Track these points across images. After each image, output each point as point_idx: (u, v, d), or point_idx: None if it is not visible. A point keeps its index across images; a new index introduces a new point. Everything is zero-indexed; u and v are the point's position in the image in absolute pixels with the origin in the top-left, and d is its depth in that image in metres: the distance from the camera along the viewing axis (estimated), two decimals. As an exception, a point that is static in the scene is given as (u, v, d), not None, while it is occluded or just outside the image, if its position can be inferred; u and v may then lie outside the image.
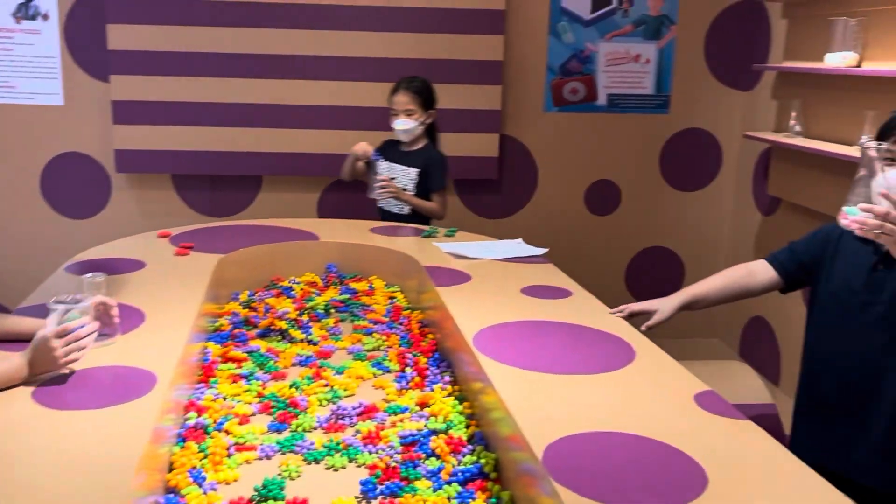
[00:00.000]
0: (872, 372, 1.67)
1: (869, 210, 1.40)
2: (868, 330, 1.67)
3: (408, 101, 3.03)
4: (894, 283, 1.64)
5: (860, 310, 1.68)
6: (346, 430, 1.57)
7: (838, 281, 1.73)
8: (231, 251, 2.39)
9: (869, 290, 1.67)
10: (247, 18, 3.53)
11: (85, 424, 1.29)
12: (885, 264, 1.66)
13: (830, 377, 1.75)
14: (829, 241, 1.81)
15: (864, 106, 2.81)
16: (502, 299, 2.02)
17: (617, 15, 3.78)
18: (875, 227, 1.41)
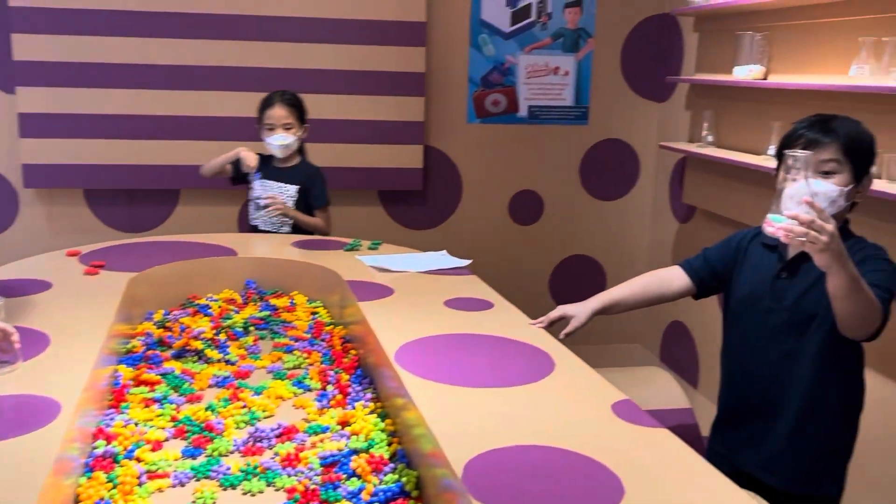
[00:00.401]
0: (779, 376, 1.74)
1: (795, 217, 1.42)
2: (773, 335, 1.74)
3: (286, 114, 2.94)
4: (796, 290, 1.71)
5: (765, 316, 1.75)
6: (264, 453, 1.53)
7: (746, 288, 1.80)
8: (145, 269, 2.31)
9: (773, 297, 1.74)
10: (161, 29, 3.44)
11: (-19, 459, 1.22)
12: (789, 272, 1.73)
13: (741, 380, 1.82)
14: (739, 248, 1.87)
15: (770, 117, 2.93)
16: (425, 313, 2.01)
17: (536, 28, 3.84)
18: (800, 234, 1.42)
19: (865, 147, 1.67)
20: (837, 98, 2.62)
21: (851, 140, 1.65)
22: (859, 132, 1.68)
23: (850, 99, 2.56)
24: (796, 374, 1.72)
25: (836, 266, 1.46)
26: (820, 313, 1.68)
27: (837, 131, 1.65)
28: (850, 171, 1.65)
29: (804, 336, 1.71)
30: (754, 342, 1.79)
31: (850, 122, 1.69)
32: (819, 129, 1.66)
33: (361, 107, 3.68)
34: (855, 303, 1.50)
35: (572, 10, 3.86)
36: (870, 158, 1.69)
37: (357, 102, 3.67)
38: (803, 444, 1.73)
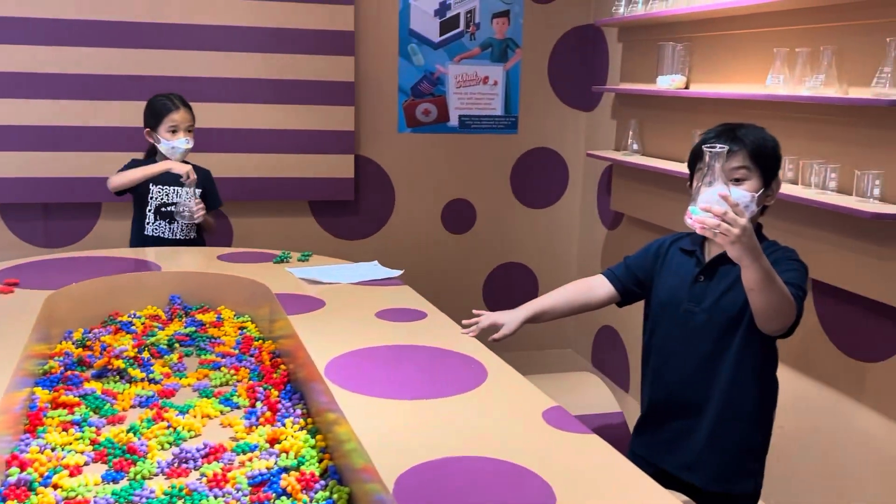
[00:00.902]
0: (699, 377, 1.79)
1: (708, 210, 1.48)
2: (692, 338, 1.79)
3: (188, 118, 2.90)
4: (714, 293, 1.76)
5: (685, 319, 1.80)
6: (189, 475, 1.48)
7: (665, 292, 1.85)
8: (63, 286, 2.22)
9: (691, 300, 1.79)
10: (79, 37, 3.33)
11: None
12: (706, 276, 1.78)
13: (663, 382, 1.86)
14: (658, 254, 1.92)
15: (692, 125, 3.01)
16: (357, 325, 1.99)
17: (465, 38, 3.86)
18: (714, 226, 1.48)
19: (771, 153, 1.74)
20: (755, 107, 2.71)
21: (758, 147, 1.72)
22: (764, 138, 1.75)
23: (766, 107, 2.65)
24: (716, 375, 1.77)
25: (749, 258, 1.52)
26: (737, 315, 1.74)
27: (744, 139, 1.71)
28: (759, 176, 1.72)
29: (723, 338, 1.76)
30: (674, 345, 1.83)
31: (756, 129, 1.76)
32: (726, 137, 1.72)
33: (291, 116, 3.64)
34: (769, 295, 1.56)
35: (500, 21, 3.90)
36: (776, 163, 1.76)
37: (286, 112, 3.62)
38: (724, 443, 1.79)
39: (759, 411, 1.81)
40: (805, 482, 2.65)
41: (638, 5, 3.28)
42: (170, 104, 2.88)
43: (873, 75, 2.18)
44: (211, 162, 3.55)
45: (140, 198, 2.93)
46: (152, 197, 2.92)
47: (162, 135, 2.88)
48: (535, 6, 3.93)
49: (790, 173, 2.53)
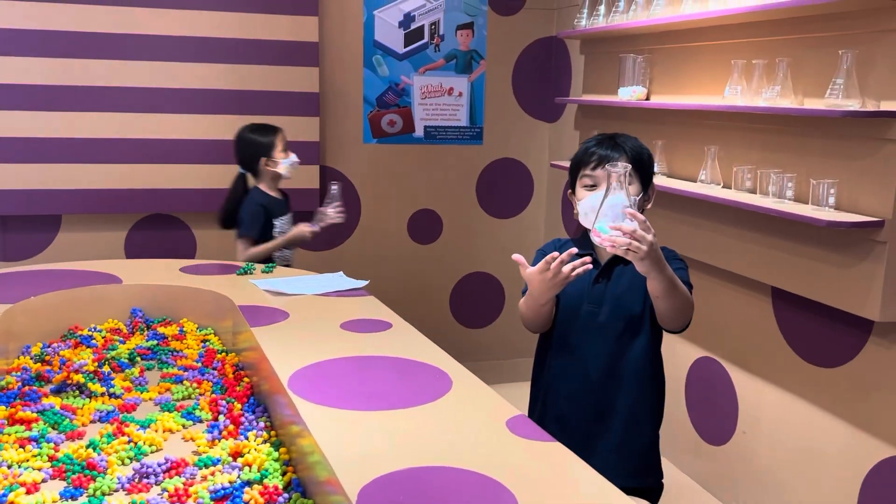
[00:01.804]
0: (606, 377, 1.84)
1: (618, 229, 1.54)
2: (595, 339, 1.85)
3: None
4: (612, 294, 1.83)
5: (586, 319, 1.85)
6: (150, 490, 1.46)
7: (567, 295, 1.89)
8: (21, 299, 2.18)
9: (592, 300, 1.85)
10: (38, 47, 3.28)
11: None
12: (604, 277, 1.84)
13: (570, 385, 1.88)
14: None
15: (653, 136, 3.05)
16: (321, 336, 1.98)
17: (429, 49, 3.88)
18: (624, 244, 1.54)
19: (647, 160, 1.86)
20: (713, 117, 2.77)
21: (637, 153, 1.83)
22: (641, 147, 1.86)
23: (724, 118, 2.71)
24: (622, 374, 1.84)
25: (656, 271, 1.60)
26: (638, 315, 1.81)
27: (624, 146, 1.82)
28: (639, 181, 1.82)
29: (624, 337, 1.83)
30: (577, 345, 1.88)
31: (632, 138, 1.87)
32: (608, 145, 1.82)
33: (254, 127, 3.61)
34: (673, 300, 1.66)
35: (464, 33, 3.92)
36: (651, 170, 1.88)
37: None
38: (634, 441, 1.85)
39: (658, 407, 1.90)
40: (764, 486, 2.70)
41: (599, 18, 3.32)
42: (270, 129, 3.04)
43: (827, 86, 2.24)
44: (175, 173, 3.52)
45: (265, 231, 3.04)
46: (276, 230, 3.06)
47: (278, 156, 3.01)
48: (498, 18, 3.97)
49: (748, 182, 2.58)
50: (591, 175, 1.81)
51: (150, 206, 3.54)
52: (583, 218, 1.83)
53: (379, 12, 3.79)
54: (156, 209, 3.57)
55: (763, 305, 2.67)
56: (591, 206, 1.76)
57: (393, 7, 3.80)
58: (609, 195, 1.59)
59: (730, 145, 2.70)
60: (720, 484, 2.92)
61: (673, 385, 3.14)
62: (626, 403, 1.83)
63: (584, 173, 1.83)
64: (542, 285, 1.70)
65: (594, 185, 1.81)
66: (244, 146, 3.07)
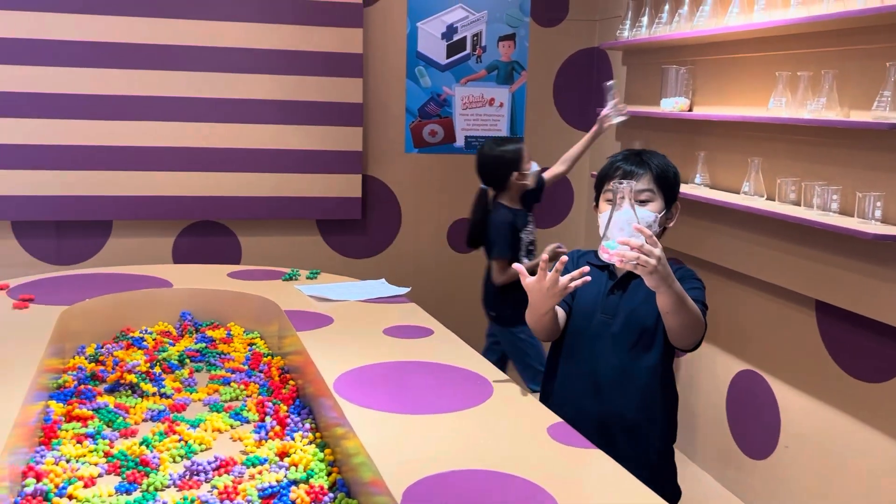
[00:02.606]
0: (617, 388, 1.84)
1: (626, 244, 1.53)
2: (606, 349, 1.85)
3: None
4: (627, 306, 1.83)
5: (599, 330, 1.86)
6: (201, 487, 1.51)
7: (582, 303, 1.90)
8: (76, 302, 2.26)
9: (605, 311, 1.85)
10: (94, 59, 3.40)
11: None
12: (619, 288, 1.85)
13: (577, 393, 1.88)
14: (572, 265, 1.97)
15: (695, 147, 3.05)
16: (365, 341, 2.02)
17: (471, 61, 3.92)
18: (632, 259, 1.53)
19: (672, 178, 1.85)
20: (757, 129, 2.76)
21: (662, 171, 1.83)
22: (668, 165, 1.86)
23: (768, 130, 2.69)
24: (630, 386, 1.83)
25: (664, 286, 1.58)
26: (652, 327, 1.81)
27: (649, 163, 1.83)
28: (662, 199, 1.82)
29: (637, 348, 1.82)
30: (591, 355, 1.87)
31: (659, 155, 1.87)
32: (633, 161, 1.83)
33: (300, 137, 3.69)
34: (682, 316, 1.65)
35: (506, 44, 3.96)
36: (677, 189, 1.87)
37: (296, 132, 3.68)
38: (641, 454, 1.83)
39: (668, 422, 1.89)
40: (806, 502, 2.66)
41: (642, 29, 3.33)
42: (514, 140, 3.08)
43: (874, 99, 2.22)
44: (221, 181, 3.61)
45: (513, 246, 3.06)
46: (523, 243, 3.09)
47: (527, 166, 3.06)
48: (540, 30, 3.99)
49: (792, 194, 2.56)
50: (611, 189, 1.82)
51: (198, 212, 3.63)
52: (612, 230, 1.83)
53: (422, 24, 3.84)
54: (203, 216, 3.66)
55: (807, 319, 2.65)
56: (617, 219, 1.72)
57: (436, 19, 3.86)
58: (616, 211, 1.59)
59: (773, 157, 2.69)
60: (761, 499, 2.89)
61: (714, 398, 3.12)
62: (633, 416, 1.83)
63: (607, 188, 1.85)
64: (540, 295, 1.71)
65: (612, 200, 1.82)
66: (495, 162, 3.04)
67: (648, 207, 1.80)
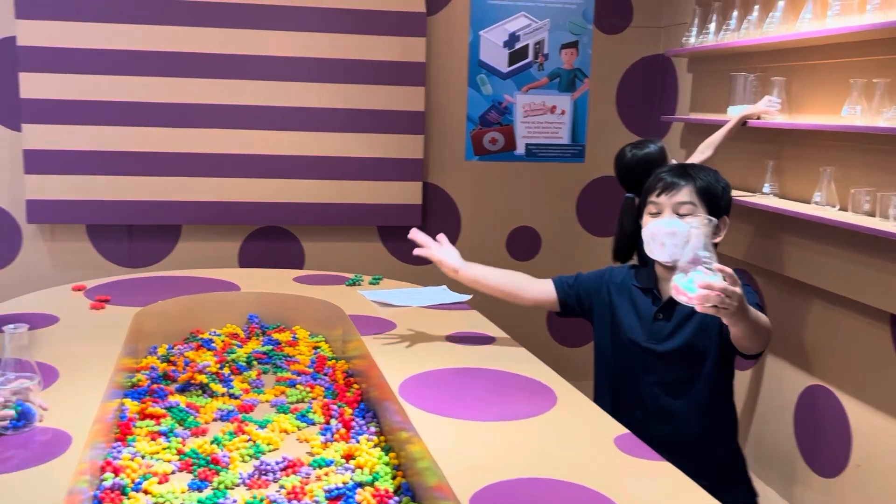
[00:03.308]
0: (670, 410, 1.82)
1: (709, 286, 1.44)
2: (650, 375, 1.83)
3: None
4: (673, 331, 1.81)
5: (646, 356, 1.84)
6: (269, 487, 1.54)
7: (626, 328, 1.87)
8: (149, 303, 2.34)
9: (651, 337, 1.83)
10: (165, 68, 3.51)
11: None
12: (664, 314, 1.82)
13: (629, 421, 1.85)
14: (610, 283, 1.95)
15: (764, 156, 2.98)
16: (428, 347, 2.04)
17: (533, 68, 3.92)
18: (715, 302, 1.46)
19: (719, 193, 1.82)
20: (830, 137, 2.68)
21: (706, 184, 1.80)
22: (716, 179, 1.83)
23: (842, 138, 2.62)
24: (680, 411, 1.80)
25: (743, 321, 1.54)
26: (701, 347, 1.77)
27: (692, 175, 1.80)
28: (705, 212, 1.79)
29: (689, 370, 1.80)
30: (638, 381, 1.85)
31: (707, 170, 1.84)
32: (676, 173, 1.82)
33: (362, 144, 3.74)
34: (756, 337, 1.63)
35: (568, 51, 3.94)
36: (724, 204, 1.83)
37: (358, 140, 3.73)
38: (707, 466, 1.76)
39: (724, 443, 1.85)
40: None
41: (709, 36, 3.28)
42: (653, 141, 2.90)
43: (955, 106, 2.14)
44: (286, 187, 3.68)
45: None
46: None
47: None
48: (604, 37, 3.97)
49: (866, 205, 2.49)
50: (655, 202, 1.81)
51: (263, 218, 3.71)
52: (646, 245, 1.82)
53: (485, 33, 3.86)
54: (268, 222, 3.73)
55: (881, 333, 2.56)
56: (651, 233, 1.77)
57: (498, 27, 3.87)
58: (691, 248, 1.51)
59: (847, 166, 2.61)
60: (830, 518, 2.80)
61: (781, 413, 3.04)
62: (686, 441, 1.79)
63: (650, 199, 1.83)
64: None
65: (658, 212, 1.81)
66: (644, 165, 2.74)
67: (688, 220, 1.75)
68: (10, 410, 1.40)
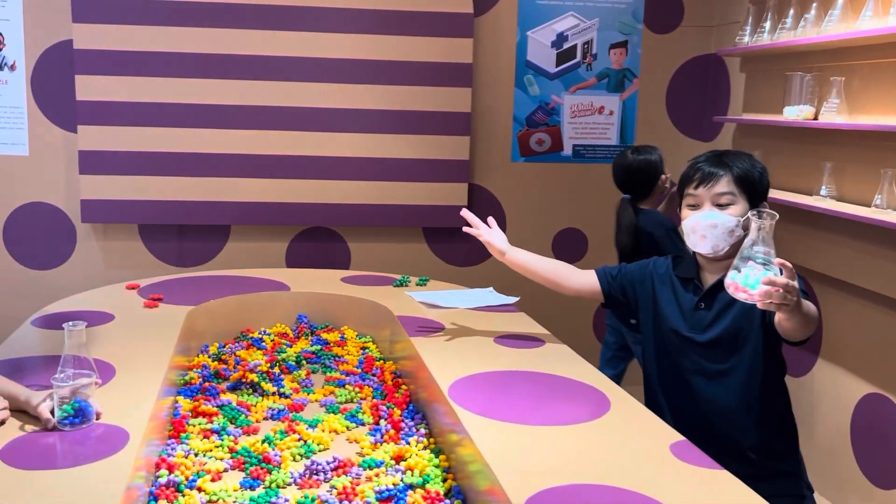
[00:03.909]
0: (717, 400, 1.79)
1: (771, 283, 1.43)
2: (694, 364, 1.80)
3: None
4: (714, 319, 1.78)
5: (687, 346, 1.82)
6: (320, 486, 1.54)
7: (666, 320, 1.86)
8: (201, 302, 2.37)
9: (693, 327, 1.81)
10: (215, 70, 3.55)
11: (56, 484, 1.25)
12: (706, 303, 1.80)
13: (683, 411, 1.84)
14: (654, 274, 1.94)
15: (821, 157, 2.91)
16: (476, 349, 2.02)
17: (581, 69, 3.88)
18: (779, 299, 1.44)
19: (757, 179, 1.77)
20: (890, 138, 2.60)
21: (744, 172, 1.75)
22: (752, 165, 1.78)
23: (903, 139, 2.54)
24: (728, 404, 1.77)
25: (797, 314, 1.51)
26: (742, 335, 1.75)
27: (730, 164, 1.76)
28: (745, 201, 1.75)
29: (731, 357, 1.77)
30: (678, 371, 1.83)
31: (743, 155, 1.79)
32: (713, 163, 1.78)
33: (408, 146, 3.75)
34: (805, 326, 1.58)
35: (617, 51, 3.89)
36: (762, 190, 1.78)
37: (404, 141, 3.74)
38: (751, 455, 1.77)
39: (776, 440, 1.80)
40: None
41: (763, 35, 3.21)
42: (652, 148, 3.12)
43: None
44: (333, 189, 3.70)
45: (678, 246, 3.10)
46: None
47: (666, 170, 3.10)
48: (653, 36, 3.91)
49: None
50: (693, 194, 1.78)
51: (311, 219, 3.74)
52: (687, 238, 1.80)
53: (532, 33, 3.83)
54: (315, 223, 3.76)
55: (944, 341, 2.47)
56: (691, 226, 1.75)
57: (546, 27, 3.84)
58: (750, 244, 1.49)
59: (909, 168, 2.53)
60: (889, 531, 2.71)
61: (837, 421, 2.96)
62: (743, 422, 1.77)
63: (688, 192, 1.80)
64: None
65: (696, 204, 1.78)
66: (644, 169, 3.04)
67: (729, 211, 1.75)
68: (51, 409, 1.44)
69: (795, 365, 3.06)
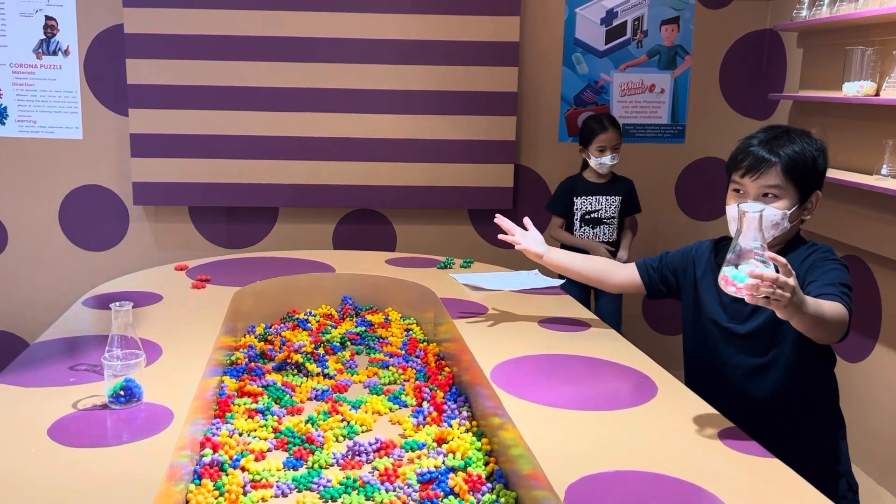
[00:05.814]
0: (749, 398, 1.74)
1: (759, 276, 1.35)
2: (732, 355, 1.76)
3: (616, 137, 3.31)
4: (753, 309, 1.72)
5: (725, 336, 1.77)
6: (362, 467, 1.55)
7: (707, 306, 1.81)
8: (247, 284, 2.39)
9: (733, 317, 1.76)
10: (262, 52, 3.57)
11: (101, 461, 1.28)
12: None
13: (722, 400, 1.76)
14: (698, 259, 1.88)
15: (883, 135, 2.79)
16: (520, 332, 2.00)
17: (631, 46, 3.79)
18: (767, 293, 1.36)
19: (809, 165, 1.67)
20: (958, 114, 2.47)
21: (794, 161, 1.65)
22: (804, 150, 1.67)
23: (973, 115, 2.41)
24: (766, 395, 1.72)
25: (797, 313, 1.43)
26: (783, 327, 1.68)
27: (780, 152, 1.66)
28: (795, 191, 1.67)
29: (771, 350, 1.72)
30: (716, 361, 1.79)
31: (797, 137, 1.68)
32: (765, 148, 1.67)
33: (454, 127, 3.72)
34: (822, 330, 1.50)
35: (669, 28, 3.79)
36: (815, 176, 1.69)
37: (450, 122, 3.71)
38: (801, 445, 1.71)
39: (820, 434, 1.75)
40: None
41: (822, 8, 3.08)
42: (599, 126, 3.31)
43: None
44: (380, 171, 3.70)
45: (567, 210, 3.42)
46: (577, 208, 3.39)
47: (592, 153, 3.32)
48: (707, 12, 3.79)
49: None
50: (740, 183, 1.70)
51: (357, 201, 3.74)
52: (730, 225, 1.73)
53: (581, 10, 3.75)
54: (362, 205, 3.77)
55: None
56: (734, 216, 1.67)
57: (595, 4, 3.75)
58: (742, 237, 1.41)
59: (978, 145, 2.40)
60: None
61: (893, 407, 2.85)
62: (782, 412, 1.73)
63: (734, 178, 1.72)
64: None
65: (742, 192, 1.71)
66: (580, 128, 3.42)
67: (776, 205, 1.67)
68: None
69: (851, 351, 2.96)
